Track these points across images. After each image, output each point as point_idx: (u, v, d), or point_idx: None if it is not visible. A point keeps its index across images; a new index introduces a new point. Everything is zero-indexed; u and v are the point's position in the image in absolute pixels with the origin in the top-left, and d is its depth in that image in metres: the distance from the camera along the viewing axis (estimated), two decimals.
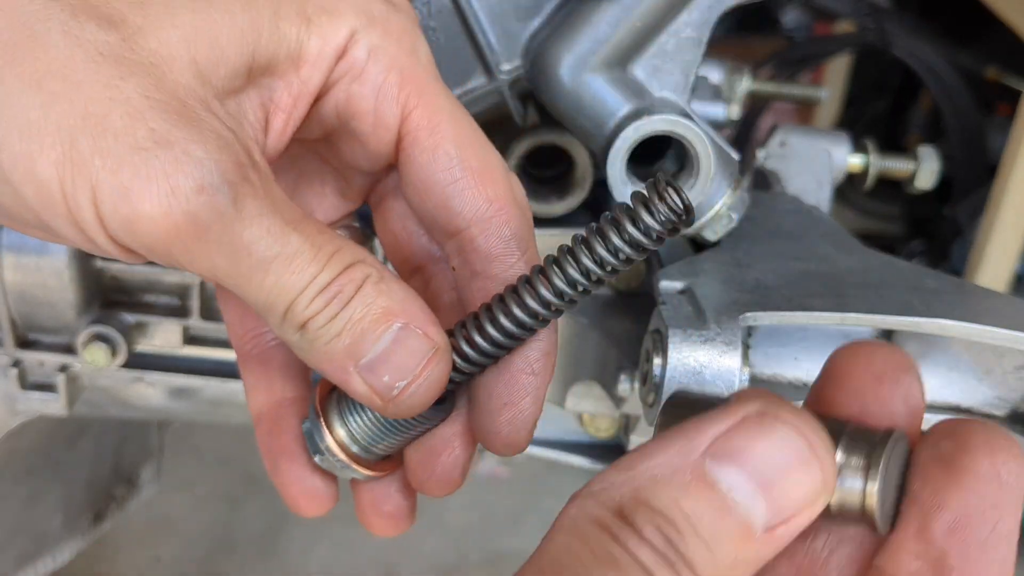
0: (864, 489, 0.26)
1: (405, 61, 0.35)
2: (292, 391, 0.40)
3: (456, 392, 0.37)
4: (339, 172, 0.40)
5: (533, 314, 0.33)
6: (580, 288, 0.32)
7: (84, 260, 0.64)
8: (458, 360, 0.34)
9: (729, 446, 0.24)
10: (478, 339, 0.34)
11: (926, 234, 1.41)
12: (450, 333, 0.34)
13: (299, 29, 0.33)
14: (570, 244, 0.32)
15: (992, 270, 1.00)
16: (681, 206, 0.30)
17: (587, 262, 0.32)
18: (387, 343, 0.32)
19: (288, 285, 0.31)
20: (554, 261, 0.33)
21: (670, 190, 0.30)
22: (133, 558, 1.27)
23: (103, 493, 0.96)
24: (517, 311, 0.33)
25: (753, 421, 0.24)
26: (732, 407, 0.25)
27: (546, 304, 0.33)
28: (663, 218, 0.30)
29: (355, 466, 0.36)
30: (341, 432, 0.36)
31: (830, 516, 0.26)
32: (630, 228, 0.30)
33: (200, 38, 0.31)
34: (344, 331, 0.32)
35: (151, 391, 0.70)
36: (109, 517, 0.96)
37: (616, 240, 0.31)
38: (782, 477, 0.24)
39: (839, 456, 0.26)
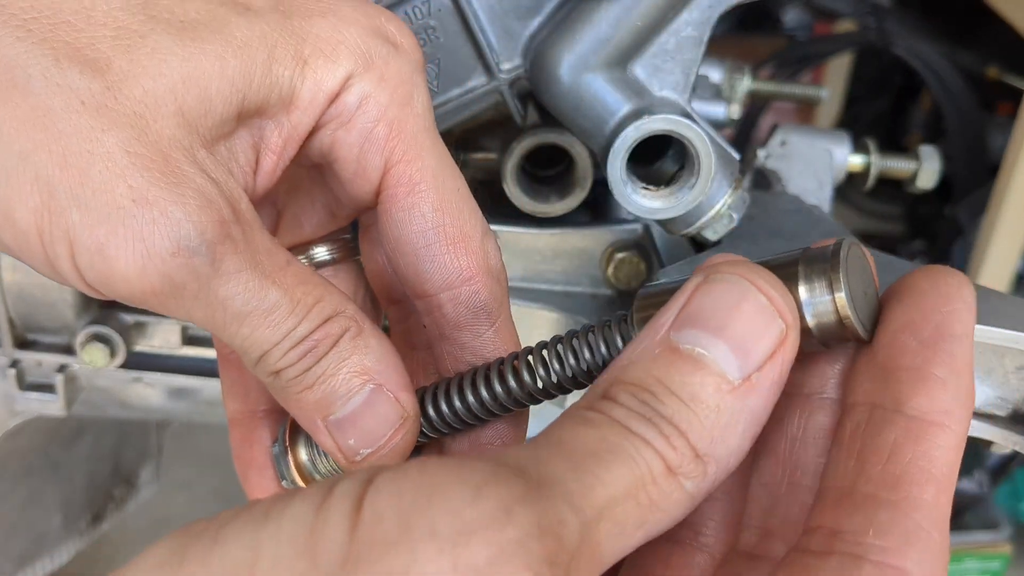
0: (833, 299, 0.26)
1: (397, 113, 0.34)
2: (266, 403, 0.39)
3: (422, 448, 0.36)
4: (329, 193, 0.40)
5: (505, 405, 0.33)
6: (553, 391, 0.32)
7: None
8: (425, 425, 0.34)
9: (687, 313, 0.25)
10: (446, 411, 0.34)
11: (927, 234, 1.41)
12: (422, 393, 0.35)
13: (293, 72, 0.33)
14: (549, 343, 0.32)
15: (993, 270, 1.00)
16: None
17: (565, 369, 0.32)
18: (357, 404, 0.32)
19: (262, 338, 0.31)
20: (536, 355, 0.32)
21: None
22: (132, 558, 1.26)
23: (102, 493, 0.96)
24: (488, 397, 0.33)
25: (702, 286, 0.26)
26: (686, 283, 0.26)
27: (519, 399, 0.33)
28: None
29: None
30: (305, 461, 0.36)
31: (821, 344, 0.27)
32: (609, 350, 0.30)
33: (188, 87, 0.30)
34: (316, 385, 0.32)
35: (150, 391, 0.69)
36: (108, 517, 0.96)
37: (593, 358, 0.31)
38: (739, 323, 0.25)
39: (802, 285, 0.26)
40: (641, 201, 0.46)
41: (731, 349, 0.25)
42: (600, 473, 0.23)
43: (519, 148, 0.55)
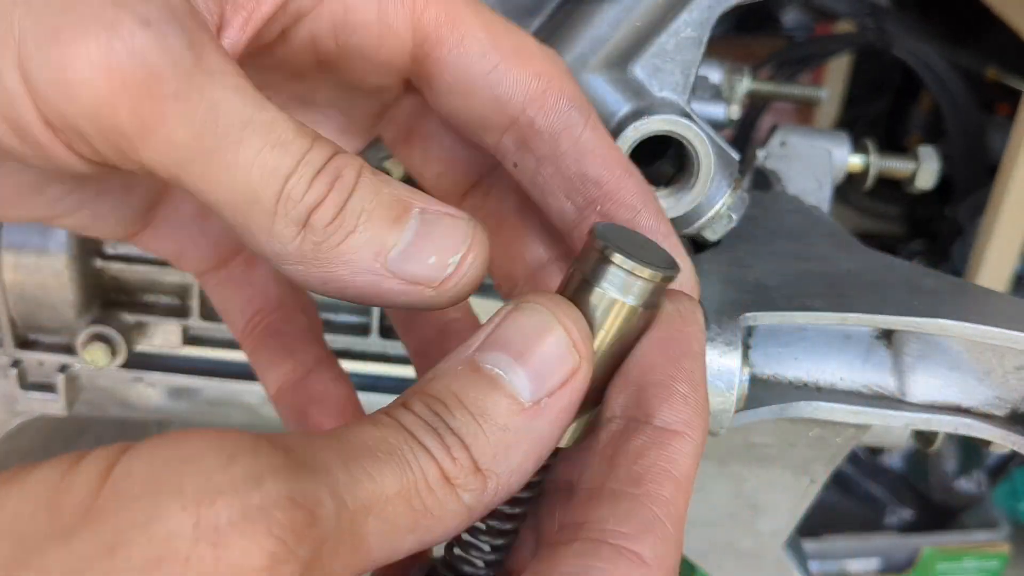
0: (620, 268, 0.28)
1: None
2: (313, 358, 0.37)
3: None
4: (338, 106, 0.35)
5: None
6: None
7: (84, 260, 0.64)
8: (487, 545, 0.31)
9: (493, 337, 0.26)
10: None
11: (926, 234, 1.41)
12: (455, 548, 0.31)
13: None
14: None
15: (992, 270, 1.00)
16: None
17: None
18: (415, 228, 0.27)
19: (272, 162, 0.25)
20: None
21: None
22: None
23: None
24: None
25: (511, 312, 0.27)
26: (500, 308, 0.27)
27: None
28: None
29: None
30: None
31: (654, 306, 0.29)
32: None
33: None
34: (360, 225, 0.26)
35: (151, 391, 0.70)
36: None
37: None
38: (539, 350, 0.26)
39: (598, 284, 0.28)
40: None
41: (527, 374, 0.26)
42: (370, 469, 0.24)
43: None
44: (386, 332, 0.65)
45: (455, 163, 0.36)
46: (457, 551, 0.31)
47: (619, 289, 0.28)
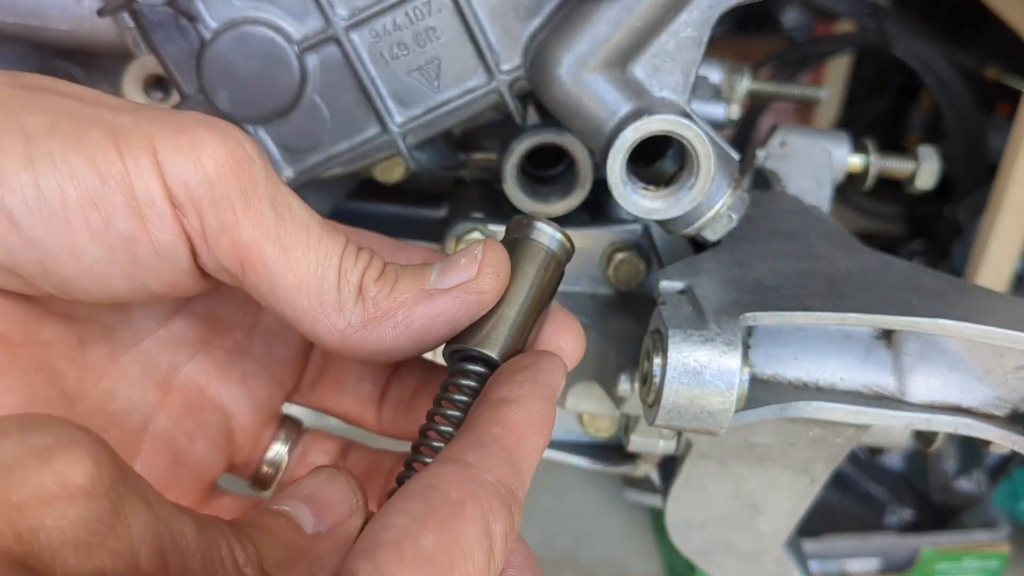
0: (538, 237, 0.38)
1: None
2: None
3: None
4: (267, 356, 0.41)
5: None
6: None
7: None
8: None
9: (291, 490, 0.32)
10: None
11: (926, 234, 1.41)
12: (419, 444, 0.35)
13: None
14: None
15: (992, 270, 1.00)
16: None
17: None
18: (440, 262, 0.34)
19: (328, 247, 0.33)
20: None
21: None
22: None
23: None
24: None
25: (318, 474, 0.33)
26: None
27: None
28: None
29: None
30: None
31: (571, 254, 0.38)
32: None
33: None
34: (400, 275, 0.34)
35: None
36: None
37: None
38: (321, 496, 0.32)
39: (531, 236, 0.37)
40: (641, 201, 0.46)
41: (312, 508, 0.31)
42: (177, 512, 0.27)
43: (519, 148, 0.55)
44: None
45: (363, 376, 0.41)
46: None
47: (544, 239, 0.37)
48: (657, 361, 0.42)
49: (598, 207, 0.64)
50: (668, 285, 0.45)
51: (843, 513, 1.38)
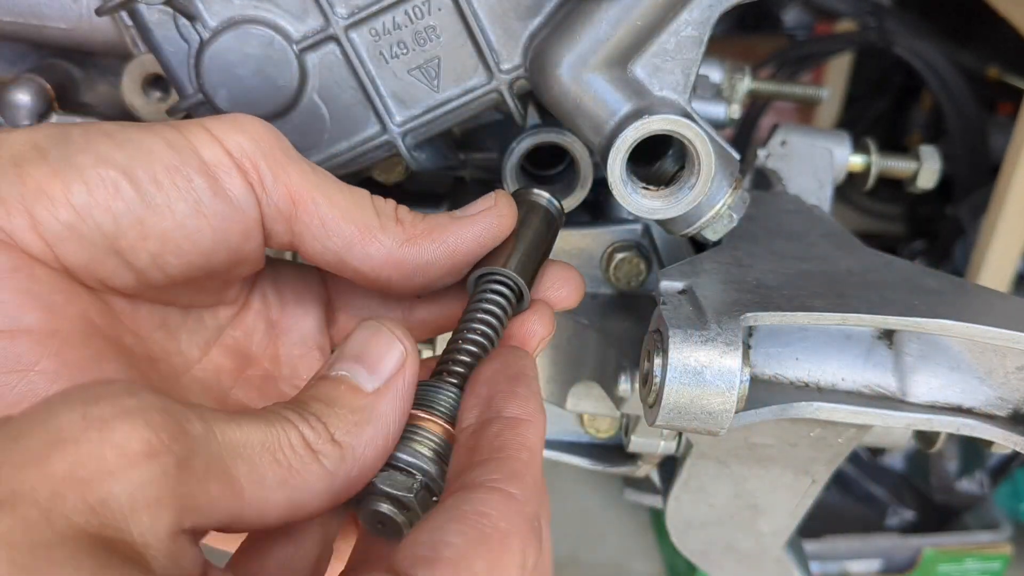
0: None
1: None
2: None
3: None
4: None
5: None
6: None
7: None
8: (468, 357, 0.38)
9: (339, 352, 0.35)
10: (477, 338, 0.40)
11: (927, 234, 1.41)
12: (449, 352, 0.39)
13: None
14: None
15: (994, 270, 1.00)
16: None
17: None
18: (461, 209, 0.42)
19: (359, 192, 0.40)
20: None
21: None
22: None
23: None
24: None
25: (353, 332, 0.35)
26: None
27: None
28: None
29: None
30: None
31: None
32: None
33: None
34: (427, 215, 0.41)
35: None
36: None
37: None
38: (372, 350, 0.34)
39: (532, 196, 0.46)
40: (641, 201, 0.46)
41: (366, 367, 0.34)
42: (238, 422, 0.30)
43: (519, 148, 0.55)
44: None
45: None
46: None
47: (543, 200, 0.45)
48: (657, 361, 0.42)
49: (598, 207, 0.63)
50: (668, 285, 0.45)
51: (844, 514, 1.38)
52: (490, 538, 0.29)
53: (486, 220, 0.41)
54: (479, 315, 0.39)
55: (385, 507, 0.33)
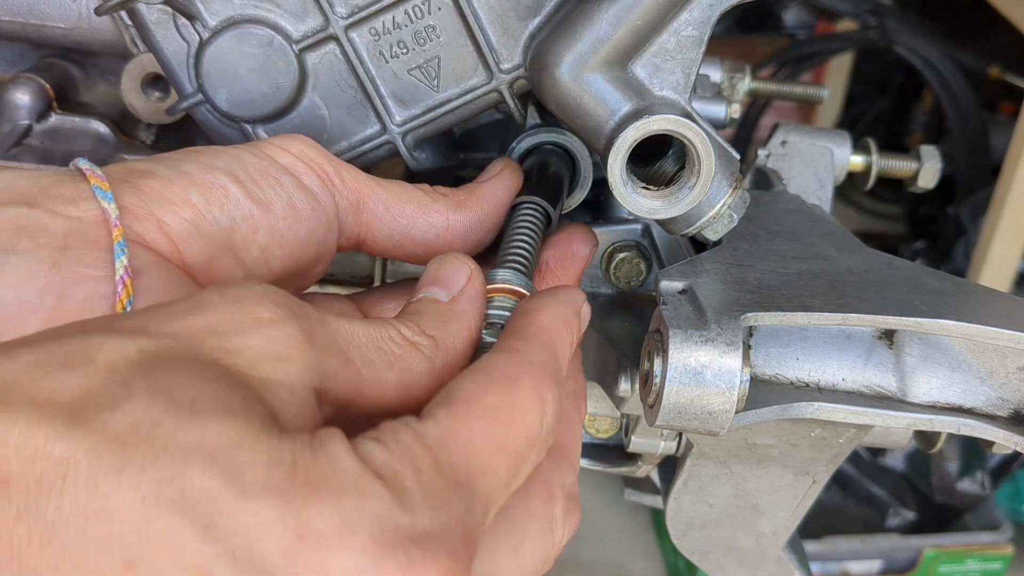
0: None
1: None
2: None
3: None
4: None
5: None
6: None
7: None
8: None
9: (422, 281, 0.40)
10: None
11: (928, 234, 1.40)
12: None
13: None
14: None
15: (995, 269, 1.00)
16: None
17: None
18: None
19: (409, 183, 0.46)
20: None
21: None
22: None
23: None
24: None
25: (430, 263, 0.41)
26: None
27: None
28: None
29: None
30: None
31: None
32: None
33: None
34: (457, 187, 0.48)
35: None
36: None
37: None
38: (443, 271, 0.40)
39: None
40: (641, 201, 0.46)
41: (440, 286, 0.40)
42: (345, 322, 0.35)
43: (519, 148, 0.55)
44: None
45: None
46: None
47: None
48: (657, 361, 0.42)
49: (598, 207, 0.63)
50: (668, 285, 0.45)
51: (845, 514, 1.38)
52: (499, 380, 0.34)
53: (510, 171, 0.48)
54: (527, 223, 0.46)
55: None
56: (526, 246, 0.45)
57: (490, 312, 0.41)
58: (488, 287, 0.41)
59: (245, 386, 0.30)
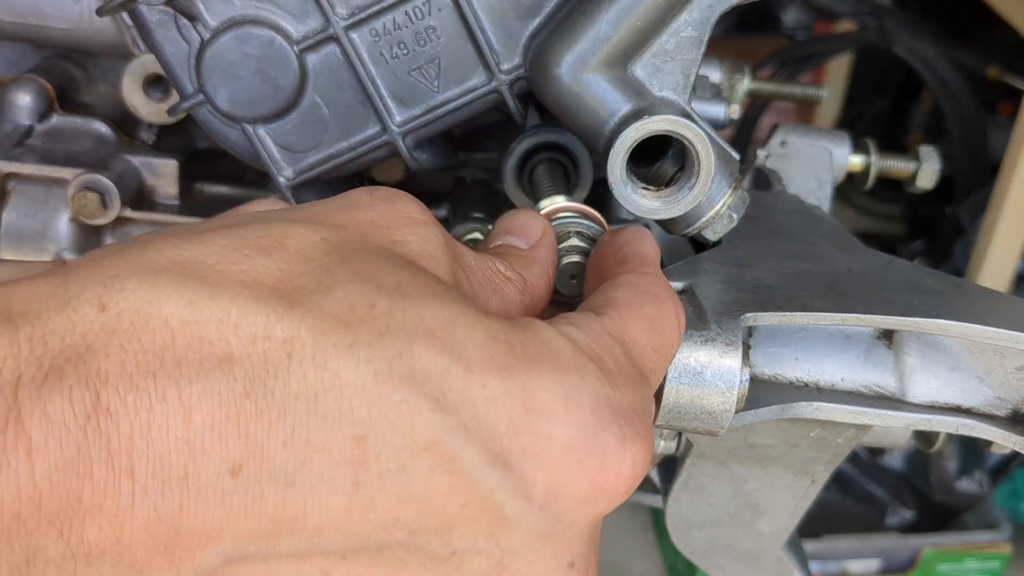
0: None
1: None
2: None
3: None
4: None
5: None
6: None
7: (85, 252, 0.63)
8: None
9: (496, 231, 0.43)
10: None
11: (927, 234, 1.41)
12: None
13: None
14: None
15: (994, 270, 1.00)
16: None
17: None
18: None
19: None
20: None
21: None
22: None
23: None
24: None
25: (504, 217, 0.43)
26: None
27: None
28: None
29: None
30: None
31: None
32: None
33: None
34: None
35: None
36: None
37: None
38: (520, 224, 0.42)
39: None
40: (641, 201, 0.46)
41: (517, 235, 0.42)
42: (461, 247, 0.37)
43: (519, 148, 0.55)
44: None
45: None
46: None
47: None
48: None
49: (598, 207, 0.63)
50: None
51: (844, 514, 1.38)
52: (645, 295, 0.37)
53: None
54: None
55: (577, 258, 0.45)
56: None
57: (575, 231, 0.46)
58: (566, 206, 0.46)
59: (432, 273, 0.32)
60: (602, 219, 0.47)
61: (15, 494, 0.24)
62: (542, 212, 0.47)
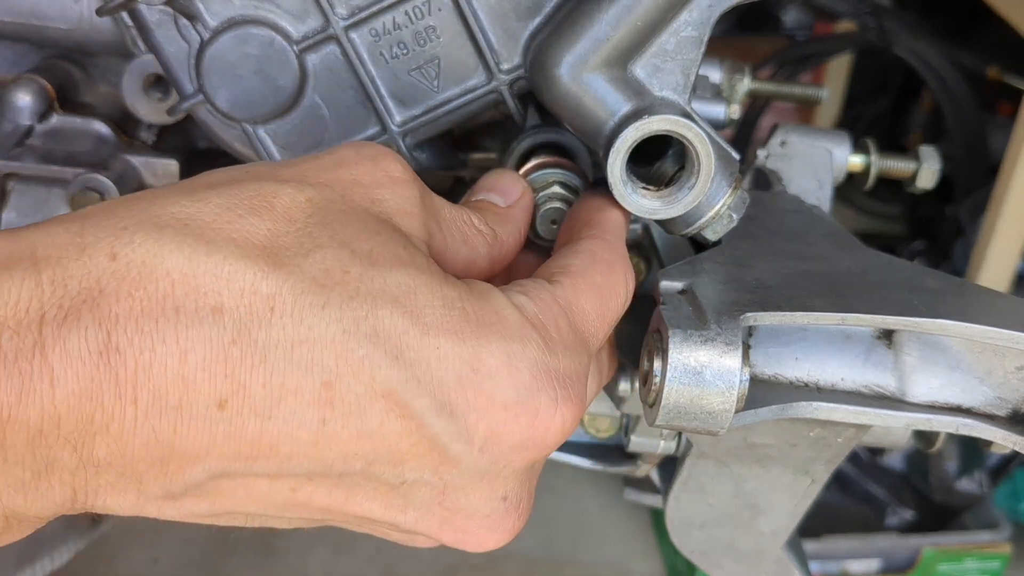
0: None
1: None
2: None
3: None
4: None
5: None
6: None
7: None
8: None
9: (478, 187, 0.46)
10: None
11: (927, 234, 1.41)
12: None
13: None
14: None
15: (994, 270, 1.00)
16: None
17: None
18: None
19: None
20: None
21: None
22: (131, 559, 1.26)
23: None
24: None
25: (487, 175, 0.47)
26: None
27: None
28: None
29: None
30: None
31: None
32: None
33: None
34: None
35: None
36: (108, 518, 0.96)
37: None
38: (501, 182, 0.46)
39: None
40: (641, 201, 0.46)
41: (498, 194, 0.45)
42: (436, 196, 0.41)
43: (519, 148, 0.55)
44: None
45: None
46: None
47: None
48: (657, 361, 0.42)
49: None
50: (668, 285, 0.45)
51: (844, 514, 1.38)
52: (599, 263, 0.41)
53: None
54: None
55: (559, 204, 0.49)
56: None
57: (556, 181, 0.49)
58: (549, 160, 0.49)
59: (403, 236, 0.36)
60: (583, 172, 0.50)
61: (39, 414, 0.28)
62: (528, 165, 0.50)
